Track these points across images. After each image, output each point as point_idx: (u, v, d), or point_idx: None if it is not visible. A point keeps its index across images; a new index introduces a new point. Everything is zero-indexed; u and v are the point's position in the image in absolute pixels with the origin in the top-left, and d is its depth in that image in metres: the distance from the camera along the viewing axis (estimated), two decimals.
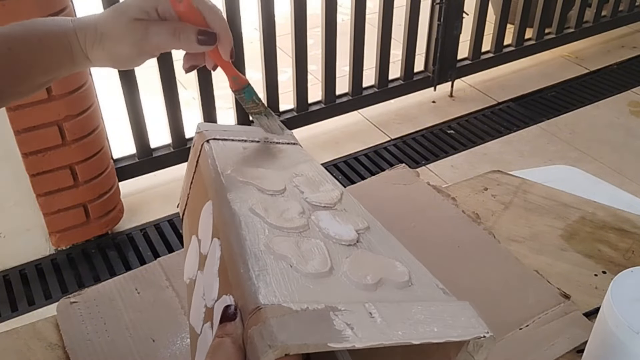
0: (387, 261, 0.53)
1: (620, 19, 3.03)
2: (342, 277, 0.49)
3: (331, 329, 0.42)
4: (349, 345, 0.41)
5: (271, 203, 0.57)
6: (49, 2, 1.53)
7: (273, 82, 2.17)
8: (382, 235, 0.57)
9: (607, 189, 1.17)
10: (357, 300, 0.46)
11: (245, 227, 0.52)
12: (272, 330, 0.41)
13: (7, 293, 1.77)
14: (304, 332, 0.41)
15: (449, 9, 2.41)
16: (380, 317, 0.44)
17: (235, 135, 0.69)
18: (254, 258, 0.48)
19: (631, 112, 2.58)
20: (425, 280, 0.52)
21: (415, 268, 0.53)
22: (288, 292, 0.45)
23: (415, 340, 0.43)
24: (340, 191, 0.62)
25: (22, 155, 1.67)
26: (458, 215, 0.88)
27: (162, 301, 0.76)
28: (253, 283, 0.45)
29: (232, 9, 1.95)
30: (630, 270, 0.59)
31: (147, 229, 1.98)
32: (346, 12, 2.32)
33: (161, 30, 0.58)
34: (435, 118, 2.54)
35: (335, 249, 0.53)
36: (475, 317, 0.47)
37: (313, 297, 0.45)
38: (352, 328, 0.43)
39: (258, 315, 0.42)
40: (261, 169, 0.63)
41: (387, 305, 0.46)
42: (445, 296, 0.50)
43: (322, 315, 0.43)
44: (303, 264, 0.49)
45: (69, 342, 0.71)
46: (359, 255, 0.53)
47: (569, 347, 0.70)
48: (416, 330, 0.44)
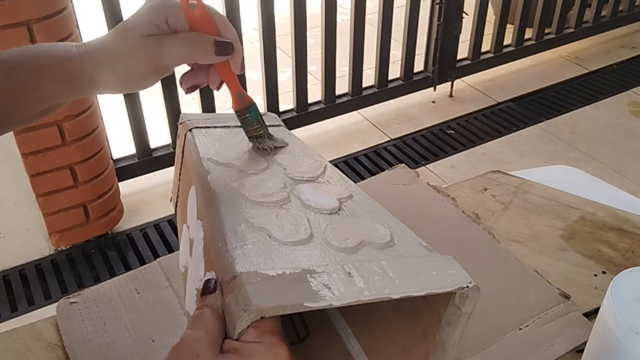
0: (368, 225, 0.53)
1: (620, 19, 3.03)
2: (322, 242, 0.49)
3: (308, 290, 0.42)
4: (325, 304, 0.41)
5: (252, 181, 0.57)
6: (48, 2, 1.53)
7: (273, 82, 2.17)
8: (365, 202, 0.57)
9: (607, 189, 1.17)
10: (335, 263, 0.46)
11: (225, 205, 0.52)
12: (247, 295, 0.41)
13: (6, 293, 1.77)
14: (280, 295, 0.41)
15: (448, 9, 2.41)
16: (359, 276, 0.44)
17: (217, 122, 0.69)
18: (232, 232, 0.48)
19: (631, 112, 2.58)
20: (408, 240, 0.51)
21: (398, 230, 0.52)
22: (265, 260, 0.45)
23: (394, 295, 0.43)
24: (324, 165, 0.62)
25: (22, 156, 1.67)
26: (458, 215, 0.88)
27: (162, 301, 0.76)
28: (230, 255, 0.45)
29: (231, 9, 1.95)
30: (630, 271, 0.59)
31: (146, 229, 1.98)
32: (346, 12, 2.32)
33: (175, 42, 0.54)
34: (435, 118, 2.55)
35: (315, 218, 0.52)
36: (457, 269, 0.46)
37: (291, 263, 0.45)
38: (329, 288, 0.42)
39: (234, 283, 0.42)
40: (242, 151, 0.63)
41: (366, 265, 0.46)
42: (428, 252, 0.49)
43: (298, 278, 0.43)
44: (282, 233, 0.49)
45: (69, 343, 0.71)
46: (339, 221, 0.53)
47: (568, 347, 0.70)
48: (395, 285, 0.44)
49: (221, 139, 0.66)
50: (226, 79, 0.60)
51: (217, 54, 0.56)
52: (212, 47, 0.55)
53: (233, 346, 0.42)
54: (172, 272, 0.80)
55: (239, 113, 0.63)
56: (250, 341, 0.42)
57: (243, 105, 0.63)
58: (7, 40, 1.47)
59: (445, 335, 0.46)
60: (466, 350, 0.68)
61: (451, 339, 0.46)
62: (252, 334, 0.41)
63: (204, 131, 0.67)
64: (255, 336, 0.41)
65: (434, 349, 0.47)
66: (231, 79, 0.60)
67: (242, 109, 0.63)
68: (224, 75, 0.60)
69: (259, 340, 0.41)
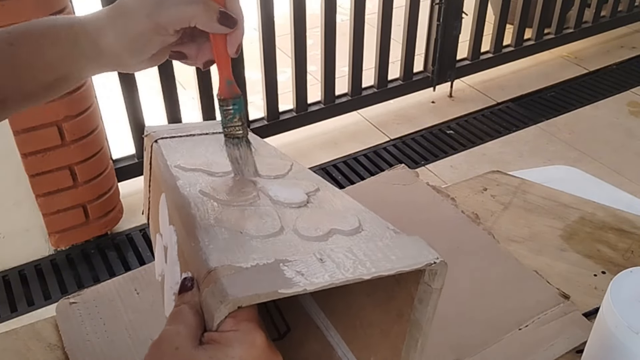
0: (337, 214, 0.54)
1: (620, 19, 3.03)
2: (293, 234, 0.50)
3: (282, 277, 0.43)
4: (299, 289, 0.42)
5: (220, 183, 0.58)
6: (48, 1, 1.53)
7: (272, 83, 2.16)
8: (332, 194, 0.58)
9: (607, 189, 1.17)
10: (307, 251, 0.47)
11: (195, 207, 0.53)
12: (222, 287, 0.42)
13: (6, 293, 1.77)
14: (254, 284, 0.42)
15: (448, 9, 2.42)
16: (331, 261, 0.45)
17: (182, 132, 0.69)
18: (203, 231, 0.49)
19: (630, 112, 2.58)
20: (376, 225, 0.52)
21: (366, 216, 0.54)
22: (238, 254, 0.46)
23: (365, 276, 0.44)
24: (290, 162, 0.63)
25: (22, 156, 1.67)
26: (457, 215, 0.88)
27: (162, 302, 0.76)
28: (204, 252, 0.46)
29: None
30: (630, 271, 0.59)
31: (146, 230, 1.98)
32: (345, 13, 2.32)
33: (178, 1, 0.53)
34: (434, 118, 2.55)
35: (285, 212, 0.53)
36: (425, 247, 0.48)
37: (264, 254, 0.46)
38: (302, 274, 0.43)
39: (209, 278, 0.43)
40: (209, 156, 0.64)
41: (336, 250, 0.47)
42: (395, 235, 0.51)
43: (272, 267, 0.44)
44: (253, 229, 0.50)
45: (68, 343, 0.71)
46: (308, 213, 0.54)
47: (568, 348, 0.70)
48: (366, 267, 0.45)
49: (187, 147, 0.66)
50: (218, 59, 0.57)
51: (219, 22, 0.53)
52: (216, 13, 0.53)
53: (211, 337, 0.43)
54: None
55: (223, 103, 0.59)
56: (227, 330, 0.42)
57: (229, 94, 0.59)
58: None
59: (419, 314, 0.48)
60: (466, 350, 0.68)
61: (424, 316, 0.47)
62: (230, 324, 0.42)
63: (169, 141, 0.67)
64: (232, 325, 0.42)
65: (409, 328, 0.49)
66: (223, 61, 0.57)
67: (227, 98, 0.59)
68: (218, 54, 0.56)
69: (236, 329, 0.42)
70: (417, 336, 0.48)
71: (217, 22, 0.53)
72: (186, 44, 0.58)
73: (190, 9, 0.52)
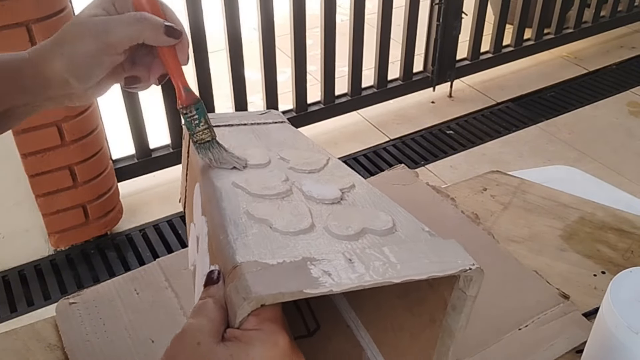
0: (370, 212, 0.53)
1: (619, 19, 3.03)
2: (323, 231, 0.49)
3: (308, 277, 0.42)
4: (325, 290, 0.41)
5: (254, 175, 0.57)
6: (48, 2, 1.53)
7: (272, 83, 2.16)
8: (367, 192, 0.57)
9: (607, 189, 1.17)
10: (336, 250, 0.46)
11: (227, 199, 0.52)
12: (246, 284, 0.41)
13: (6, 294, 1.77)
14: (279, 283, 0.41)
15: (448, 9, 2.42)
16: (360, 262, 0.44)
17: (220, 122, 0.69)
18: (233, 225, 0.49)
19: (630, 112, 2.58)
20: (411, 226, 0.51)
21: (400, 216, 0.52)
22: (266, 250, 0.45)
23: (395, 279, 0.43)
24: (327, 158, 0.62)
25: (21, 156, 1.67)
26: (457, 215, 0.88)
27: (161, 302, 0.76)
28: (231, 246, 0.45)
29: (231, 9, 1.95)
30: (630, 271, 0.59)
31: (146, 230, 1.98)
32: (345, 13, 2.32)
33: (123, 19, 0.54)
34: (434, 118, 2.55)
35: (317, 208, 0.52)
36: (461, 252, 0.46)
37: (291, 252, 0.45)
38: (329, 274, 0.42)
39: (234, 273, 0.43)
40: (245, 147, 0.63)
41: (367, 251, 0.46)
42: (431, 237, 0.49)
43: (298, 266, 0.43)
44: (283, 224, 0.49)
45: (68, 343, 0.71)
46: (341, 210, 0.53)
47: (568, 348, 0.70)
48: (397, 270, 0.44)
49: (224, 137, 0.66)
50: (172, 69, 0.58)
51: (166, 34, 0.55)
52: (162, 26, 0.55)
53: (233, 334, 0.42)
54: (171, 272, 0.80)
55: (185, 110, 0.59)
56: (250, 329, 0.42)
57: (189, 100, 0.59)
58: (6, 41, 1.47)
59: (452, 320, 0.46)
60: (466, 350, 0.68)
61: (457, 323, 0.46)
62: (252, 322, 0.42)
63: None
64: (255, 324, 0.42)
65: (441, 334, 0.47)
66: (177, 70, 0.58)
67: (188, 105, 0.59)
68: (170, 65, 0.57)
69: (258, 328, 0.42)
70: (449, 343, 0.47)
71: (165, 35, 0.55)
72: (135, 67, 0.59)
73: (137, 27, 0.54)
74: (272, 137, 0.68)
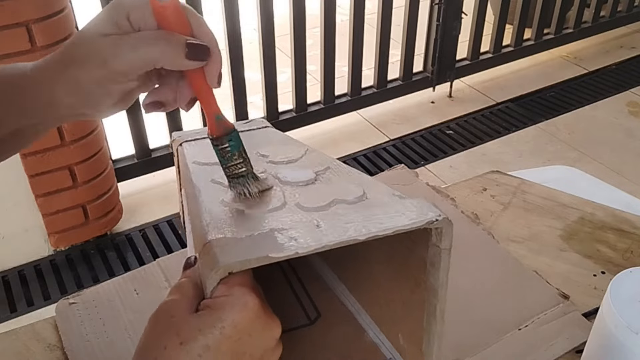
0: (341, 185, 0.54)
1: (619, 19, 3.03)
2: (295, 207, 0.50)
3: (274, 243, 0.44)
4: (290, 252, 0.42)
5: None
6: (47, 2, 1.53)
7: (272, 83, 2.16)
8: (342, 171, 0.58)
9: (606, 189, 1.17)
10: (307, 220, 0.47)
11: (205, 194, 0.54)
12: (214, 256, 0.43)
13: (6, 294, 1.77)
14: (246, 251, 0.43)
15: (447, 9, 2.42)
16: (328, 226, 0.45)
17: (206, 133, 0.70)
18: (207, 212, 0.50)
19: (630, 112, 2.58)
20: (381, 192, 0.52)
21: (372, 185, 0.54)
22: (237, 229, 0.47)
23: (361, 237, 0.44)
24: (305, 148, 0.64)
25: (21, 156, 1.67)
26: (457, 215, 0.88)
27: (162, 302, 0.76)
28: (204, 229, 0.47)
29: (231, 9, 1.95)
30: (629, 271, 0.59)
31: (146, 230, 1.98)
32: (345, 13, 2.32)
33: (135, 41, 0.45)
34: (434, 118, 2.55)
35: (291, 190, 0.54)
36: (427, 206, 0.48)
37: (261, 227, 0.47)
38: (295, 239, 0.44)
39: (204, 250, 0.44)
40: None
41: (335, 216, 0.47)
42: (400, 199, 0.50)
43: (266, 236, 0.45)
44: (256, 206, 0.51)
45: (68, 343, 0.71)
46: (314, 188, 0.54)
47: (568, 348, 0.70)
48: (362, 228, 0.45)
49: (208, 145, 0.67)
50: (200, 95, 0.49)
51: (188, 57, 0.45)
52: (183, 48, 0.45)
53: (205, 304, 0.44)
54: (171, 272, 0.80)
55: (216, 142, 0.51)
56: (220, 296, 0.43)
57: (221, 131, 0.50)
58: (6, 41, 1.47)
59: (433, 278, 0.48)
60: (466, 350, 0.68)
61: (438, 280, 0.48)
62: (222, 290, 0.43)
63: (193, 143, 0.69)
64: (224, 291, 0.43)
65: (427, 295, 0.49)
66: (206, 96, 0.49)
67: (220, 136, 0.51)
68: (198, 89, 0.49)
69: (227, 294, 0.43)
70: (435, 302, 0.49)
71: (186, 57, 0.45)
72: (159, 90, 0.51)
73: (151, 50, 0.45)
74: (253, 140, 0.69)
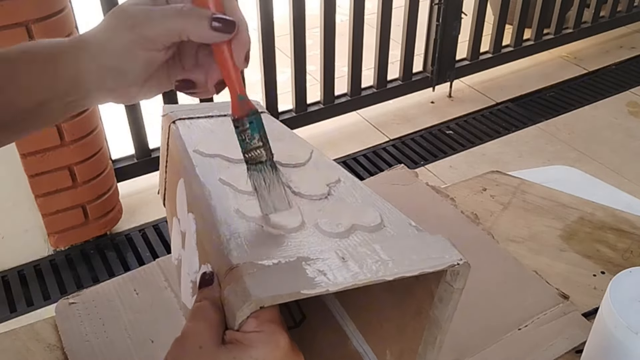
0: (358, 207, 0.54)
1: (619, 20, 3.03)
2: (314, 229, 0.50)
3: (304, 277, 0.43)
4: (322, 290, 0.42)
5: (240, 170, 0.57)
6: (47, 2, 1.53)
7: (272, 83, 2.16)
8: (353, 186, 0.58)
9: (606, 190, 1.17)
10: (329, 249, 0.47)
11: (216, 197, 0.53)
12: (245, 287, 0.41)
13: (5, 294, 1.76)
14: (277, 284, 0.42)
15: (447, 9, 2.42)
16: (353, 261, 0.45)
17: (200, 113, 0.68)
18: (224, 224, 0.49)
19: (630, 112, 2.58)
20: (398, 221, 0.52)
21: (387, 211, 0.53)
22: (260, 250, 0.46)
23: (388, 277, 0.44)
24: (310, 149, 0.63)
25: (21, 156, 1.67)
26: (457, 215, 0.88)
27: (161, 302, 0.76)
28: (225, 247, 0.46)
29: None
30: (629, 271, 0.59)
31: (145, 230, 1.98)
32: (345, 13, 2.32)
33: (165, 11, 0.47)
34: (433, 118, 2.55)
35: (306, 205, 0.53)
36: (448, 247, 0.48)
37: (285, 252, 0.46)
38: (324, 274, 0.43)
39: (231, 275, 0.43)
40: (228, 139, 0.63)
41: (359, 249, 0.47)
42: (418, 233, 0.51)
43: (294, 266, 0.44)
44: (274, 223, 0.50)
45: (68, 343, 0.70)
46: (330, 206, 0.54)
47: (567, 348, 0.70)
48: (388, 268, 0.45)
49: (206, 130, 0.65)
50: (226, 73, 0.49)
51: (214, 28, 0.47)
52: (209, 20, 0.47)
53: (234, 337, 0.42)
54: (171, 272, 0.80)
55: (237, 124, 0.51)
56: (250, 331, 0.42)
57: (244, 111, 0.50)
58: (5, 41, 1.47)
59: (439, 312, 0.48)
60: (466, 350, 0.68)
61: (444, 314, 0.47)
62: (252, 324, 0.42)
63: (188, 122, 0.66)
64: (255, 326, 0.42)
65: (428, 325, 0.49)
66: (231, 74, 0.49)
67: (241, 117, 0.50)
68: (224, 67, 0.49)
69: (259, 330, 0.42)
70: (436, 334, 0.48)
71: (211, 29, 0.47)
72: (191, 70, 0.52)
73: (179, 20, 0.47)
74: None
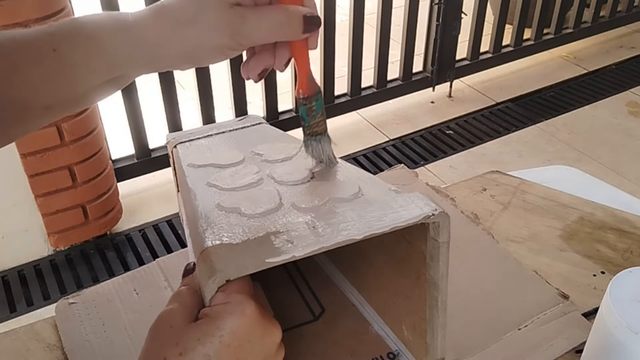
0: (338, 184, 0.54)
1: (619, 19, 3.03)
2: (290, 208, 0.51)
3: (270, 248, 0.44)
4: (287, 257, 0.43)
5: (228, 173, 0.59)
6: (47, 2, 1.53)
7: (272, 82, 2.17)
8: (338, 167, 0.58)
9: (606, 189, 1.17)
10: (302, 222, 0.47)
11: (200, 198, 0.54)
12: (211, 264, 0.43)
13: (5, 294, 1.77)
14: (243, 258, 0.43)
15: (447, 9, 2.42)
16: (322, 227, 0.46)
17: (199, 134, 0.71)
18: (203, 218, 0.50)
19: (630, 112, 2.58)
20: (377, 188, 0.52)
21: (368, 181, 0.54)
22: (233, 233, 0.47)
23: (357, 236, 0.44)
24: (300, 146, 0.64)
25: (21, 156, 1.67)
26: (457, 215, 0.88)
27: (161, 302, 0.76)
28: (201, 236, 0.47)
29: None
30: (629, 271, 0.59)
31: (145, 230, 1.98)
32: (345, 13, 2.32)
33: (262, 22, 0.47)
34: (433, 118, 2.55)
35: (287, 189, 0.54)
36: (424, 201, 0.48)
37: (257, 232, 0.47)
38: (292, 242, 0.44)
39: (201, 258, 0.45)
40: (220, 151, 0.65)
41: (330, 217, 0.47)
42: (396, 195, 0.51)
43: (262, 241, 0.45)
44: (252, 208, 0.51)
45: (68, 343, 0.70)
46: (310, 187, 0.54)
47: (567, 348, 0.70)
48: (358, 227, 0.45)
49: (202, 146, 0.68)
50: (298, 57, 0.52)
51: (304, 31, 0.49)
52: (300, 24, 0.48)
53: (204, 312, 0.44)
54: (171, 272, 0.80)
55: (305, 101, 0.54)
56: (218, 304, 0.43)
57: (312, 91, 0.54)
58: None
59: (433, 271, 0.49)
60: (466, 350, 0.68)
61: (438, 273, 0.48)
62: (220, 297, 0.43)
63: (187, 144, 0.69)
64: (222, 299, 0.43)
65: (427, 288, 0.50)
66: (302, 57, 0.52)
67: (310, 95, 0.54)
68: (297, 52, 0.52)
69: (226, 302, 0.43)
70: (436, 294, 0.50)
71: (303, 32, 0.49)
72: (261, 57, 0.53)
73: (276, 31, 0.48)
74: (248, 137, 0.69)
